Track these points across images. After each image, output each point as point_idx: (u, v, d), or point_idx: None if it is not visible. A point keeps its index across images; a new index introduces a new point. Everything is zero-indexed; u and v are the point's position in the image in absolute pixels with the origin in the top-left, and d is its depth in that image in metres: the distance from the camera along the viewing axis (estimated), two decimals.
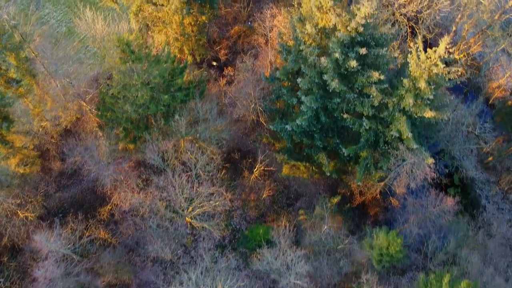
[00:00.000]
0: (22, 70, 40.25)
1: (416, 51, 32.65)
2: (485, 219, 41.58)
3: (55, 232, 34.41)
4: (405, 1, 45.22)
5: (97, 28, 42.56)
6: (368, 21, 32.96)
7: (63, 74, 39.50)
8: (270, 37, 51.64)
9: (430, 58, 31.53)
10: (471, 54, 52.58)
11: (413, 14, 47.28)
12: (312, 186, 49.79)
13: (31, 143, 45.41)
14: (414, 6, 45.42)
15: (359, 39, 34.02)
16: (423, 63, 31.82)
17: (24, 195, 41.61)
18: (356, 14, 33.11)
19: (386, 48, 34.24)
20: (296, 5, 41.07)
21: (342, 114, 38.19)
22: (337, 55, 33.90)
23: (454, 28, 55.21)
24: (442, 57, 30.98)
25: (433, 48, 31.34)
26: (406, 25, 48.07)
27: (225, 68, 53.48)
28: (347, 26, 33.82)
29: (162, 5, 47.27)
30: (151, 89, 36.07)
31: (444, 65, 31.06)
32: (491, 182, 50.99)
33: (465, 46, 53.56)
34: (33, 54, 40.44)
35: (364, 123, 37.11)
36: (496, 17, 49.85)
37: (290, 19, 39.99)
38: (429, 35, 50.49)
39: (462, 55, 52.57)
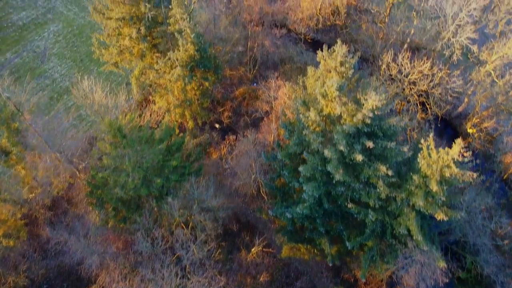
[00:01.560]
0: (13, 141, 38.69)
1: (427, 149, 30.20)
2: None
3: None
4: (415, 79, 43.43)
5: (95, 97, 41.11)
6: (376, 113, 30.89)
7: (56, 148, 37.67)
8: (274, 105, 49.98)
9: (443, 158, 29.04)
10: (484, 129, 50.21)
11: (423, 91, 45.36)
12: (314, 265, 46.61)
13: (19, 212, 43.28)
14: (425, 84, 43.52)
15: (365, 130, 31.87)
16: (435, 164, 29.31)
17: (6, 272, 39.08)
18: (363, 105, 31.12)
19: (395, 141, 31.97)
20: (300, 83, 39.24)
21: (346, 203, 35.63)
22: (341, 147, 31.64)
23: (466, 100, 53.22)
24: (455, 160, 28.48)
25: (446, 149, 28.90)
26: (417, 101, 46.07)
27: (226, 136, 51.64)
28: (353, 116, 31.81)
29: (164, 72, 45.99)
30: (143, 171, 33.97)
31: (458, 169, 28.49)
32: (507, 267, 47.35)
33: (478, 120, 51.31)
34: (25, 125, 38.96)
35: (370, 215, 34.42)
36: (510, 94, 47.80)
37: (294, 98, 38.12)
38: (440, 112, 48.31)
39: (474, 130, 50.24)
